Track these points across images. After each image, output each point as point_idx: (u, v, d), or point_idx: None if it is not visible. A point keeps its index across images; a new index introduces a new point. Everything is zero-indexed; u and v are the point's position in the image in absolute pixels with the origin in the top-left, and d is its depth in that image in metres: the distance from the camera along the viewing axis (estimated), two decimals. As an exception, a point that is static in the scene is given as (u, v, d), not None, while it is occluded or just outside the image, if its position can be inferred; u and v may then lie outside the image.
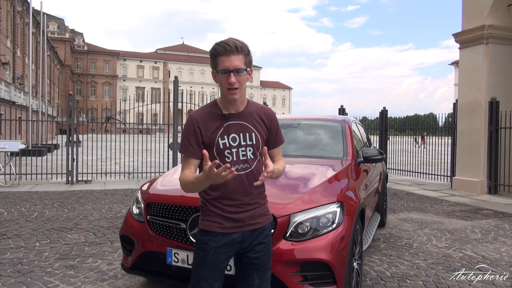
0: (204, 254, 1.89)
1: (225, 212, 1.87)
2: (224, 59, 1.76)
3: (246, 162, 1.88)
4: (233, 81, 1.76)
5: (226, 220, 1.87)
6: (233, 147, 1.86)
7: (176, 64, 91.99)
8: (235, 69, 1.76)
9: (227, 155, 1.85)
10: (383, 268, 4.05)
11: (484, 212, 7.14)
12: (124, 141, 12.28)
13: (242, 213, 1.88)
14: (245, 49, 1.80)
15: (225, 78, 1.78)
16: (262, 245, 1.95)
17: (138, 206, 3.22)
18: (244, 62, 1.80)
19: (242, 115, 1.90)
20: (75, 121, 10.01)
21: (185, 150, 1.87)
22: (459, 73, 10.20)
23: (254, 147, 1.89)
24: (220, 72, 1.78)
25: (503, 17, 9.39)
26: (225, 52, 1.76)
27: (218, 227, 1.87)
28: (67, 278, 3.64)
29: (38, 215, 6.23)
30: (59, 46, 65.55)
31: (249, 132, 1.89)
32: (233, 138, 1.87)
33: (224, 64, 1.76)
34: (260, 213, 1.94)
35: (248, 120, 1.90)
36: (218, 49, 1.77)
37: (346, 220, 2.85)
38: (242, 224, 1.88)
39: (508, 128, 9.12)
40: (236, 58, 1.77)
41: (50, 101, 44.28)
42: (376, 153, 4.07)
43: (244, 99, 1.91)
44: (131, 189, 9.15)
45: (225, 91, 1.81)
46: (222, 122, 1.87)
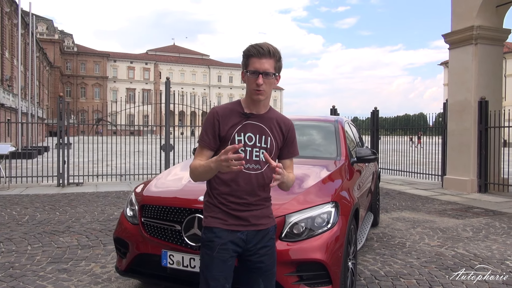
0: (210, 252, 1.89)
1: (230, 209, 1.88)
2: (255, 60, 1.82)
3: (258, 163, 1.90)
4: (260, 83, 1.82)
5: (230, 217, 1.89)
6: (248, 145, 1.89)
7: (167, 65, 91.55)
8: (264, 71, 1.82)
9: (240, 152, 1.83)
10: (377, 267, 4.07)
11: (475, 210, 7.23)
12: (116, 143, 12.21)
13: (247, 212, 1.90)
14: (277, 55, 1.86)
15: (253, 79, 1.83)
16: (266, 248, 1.95)
17: (132, 208, 3.20)
18: (274, 67, 1.85)
19: (262, 117, 1.94)
20: (66, 123, 9.91)
21: (201, 139, 1.92)
22: (449, 73, 10.31)
23: (268, 150, 1.92)
24: (250, 73, 1.83)
25: (491, 18, 9.52)
26: (258, 55, 1.82)
27: (222, 223, 1.89)
28: (60, 282, 3.61)
29: (29, 218, 6.16)
30: (48, 48, 64.87)
31: (265, 135, 1.93)
32: (249, 137, 1.90)
33: (255, 65, 1.82)
34: (264, 214, 1.95)
35: (267, 124, 1.94)
36: (252, 50, 1.84)
37: (341, 220, 2.86)
38: (247, 223, 1.90)
39: (497, 127, 9.25)
40: (267, 61, 1.83)
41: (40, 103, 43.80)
42: (369, 153, 4.10)
43: (267, 104, 1.96)
44: (123, 191, 9.09)
45: (251, 91, 1.86)
46: (242, 120, 1.91)
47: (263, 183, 1.91)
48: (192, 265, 2.62)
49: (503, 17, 9.87)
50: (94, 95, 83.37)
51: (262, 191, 1.93)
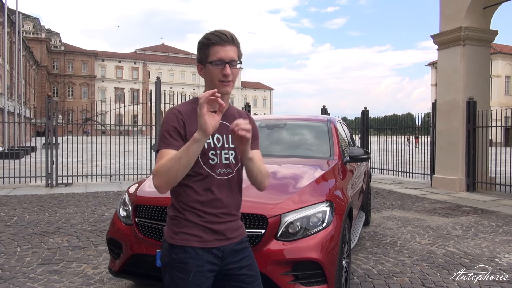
0: (184, 276, 1.62)
1: (206, 222, 1.64)
2: (219, 49, 1.62)
3: (229, 167, 1.70)
4: (228, 73, 1.62)
5: (206, 231, 1.65)
6: (217, 148, 1.69)
7: (156, 64, 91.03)
8: (230, 60, 1.63)
9: (211, 157, 1.66)
10: (369, 266, 4.10)
11: (464, 209, 7.33)
12: (106, 143, 12.09)
13: (223, 224, 1.68)
14: (238, 42, 1.69)
15: (218, 70, 1.62)
16: (246, 260, 1.75)
17: (125, 208, 3.17)
18: (238, 55, 1.68)
19: (225, 115, 1.72)
20: (55, 123, 9.78)
21: (165, 142, 1.61)
22: (438, 73, 10.44)
23: (236, 150, 1.72)
24: (214, 63, 1.62)
25: (479, 19, 9.66)
26: (221, 42, 1.63)
27: (197, 241, 1.63)
28: (51, 283, 3.56)
29: (18, 219, 6.06)
30: (34, 46, 63.99)
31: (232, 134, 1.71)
32: (217, 138, 1.70)
33: (218, 54, 1.62)
34: (238, 226, 1.75)
35: (231, 121, 1.69)
36: (213, 38, 1.63)
37: (335, 219, 2.88)
38: (223, 237, 1.68)
39: (485, 127, 9.39)
40: (231, 49, 1.64)
41: (26, 102, 43.18)
42: (362, 153, 4.13)
43: (228, 98, 1.75)
44: (113, 191, 9.00)
45: (217, 83, 1.64)
46: None
47: (236, 189, 1.73)
48: (187, 265, 2.60)
49: (490, 18, 10.02)
50: (82, 94, 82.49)
51: (236, 198, 1.74)
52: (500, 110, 11.05)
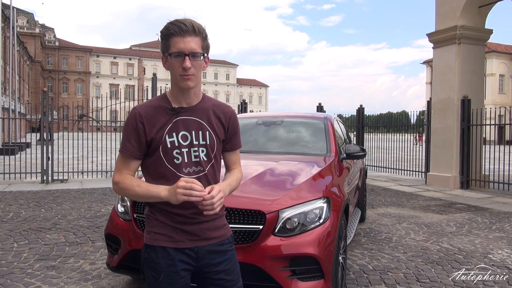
0: (156, 274, 1.61)
1: (175, 222, 1.60)
2: (178, 40, 1.52)
3: (199, 165, 1.63)
4: (188, 66, 1.52)
5: (176, 232, 1.60)
6: (183, 146, 1.60)
7: (151, 61, 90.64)
8: (190, 52, 1.52)
9: (176, 156, 1.59)
10: (365, 261, 4.15)
11: (458, 206, 7.41)
12: (101, 139, 12.05)
13: (195, 225, 1.61)
14: (203, 32, 1.57)
15: (178, 62, 1.53)
16: (224, 264, 1.67)
17: (123, 204, 3.19)
18: (201, 46, 1.56)
19: (195, 110, 1.64)
20: (50, 119, 9.74)
21: (123, 148, 1.61)
22: (433, 72, 10.51)
23: (208, 147, 1.64)
24: (173, 55, 1.53)
25: (474, 18, 9.73)
26: (180, 32, 1.52)
27: (167, 240, 1.60)
28: (48, 279, 3.57)
29: (14, 215, 6.05)
30: (28, 42, 63.47)
31: (203, 130, 1.64)
32: (183, 136, 1.61)
33: (178, 45, 1.52)
34: (216, 226, 1.67)
35: (202, 116, 1.65)
36: (172, 28, 1.52)
37: (332, 216, 2.92)
38: (196, 238, 1.62)
39: (479, 125, 9.48)
40: (192, 40, 1.53)
41: (20, 98, 42.87)
42: (358, 150, 4.17)
43: (198, 92, 1.65)
44: (109, 187, 8.99)
45: (177, 77, 1.56)
46: (171, 117, 1.61)
47: (208, 185, 1.58)
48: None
49: (485, 17, 10.09)
50: (77, 90, 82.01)
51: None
52: (494, 108, 11.15)
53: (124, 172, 1.62)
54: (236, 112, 1.81)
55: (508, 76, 50.85)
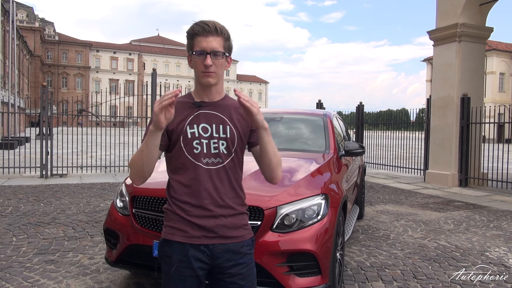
0: (168, 268, 1.64)
1: (191, 216, 1.61)
2: (201, 39, 1.61)
3: (218, 156, 1.66)
4: (208, 63, 1.60)
5: (192, 226, 1.61)
6: (203, 137, 1.65)
7: (151, 56, 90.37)
8: (212, 51, 1.61)
9: (195, 146, 1.64)
10: (362, 258, 4.17)
11: (456, 204, 7.43)
12: (101, 134, 12.05)
13: (211, 219, 1.61)
14: (225, 33, 1.65)
15: (200, 60, 1.62)
16: (240, 267, 1.64)
17: (122, 199, 3.20)
18: (223, 46, 1.64)
19: (216, 105, 1.70)
20: (50, 113, 9.73)
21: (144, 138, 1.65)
22: (433, 69, 10.50)
23: (228, 141, 1.67)
24: (196, 54, 1.62)
25: (474, 16, 9.71)
26: (203, 32, 1.61)
27: (181, 235, 1.61)
28: (47, 273, 3.59)
29: (13, 209, 6.06)
30: (28, 36, 63.20)
31: (223, 124, 1.69)
32: (203, 128, 1.66)
33: (201, 44, 1.61)
34: (235, 225, 1.66)
35: (224, 111, 1.71)
36: (196, 28, 1.62)
37: (330, 212, 2.93)
38: (212, 234, 1.61)
39: (479, 123, 9.48)
40: (214, 39, 1.62)
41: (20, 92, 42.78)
42: (357, 147, 4.17)
43: (220, 90, 1.73)
44: (108, 182, 9.01)
45: (199, 74, 1.64)
46: (193, 110, 1.68)
47: (228, 180, 1.65)
48: (184, 256, 2.64)
49: (486, 15, 10.08)
50: (76, 85, 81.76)
51: (229, 191, 1.66)
52: (493, 106, 11.15)
53: None
54: None
55: (508, 75, 50.81)
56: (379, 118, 14.23)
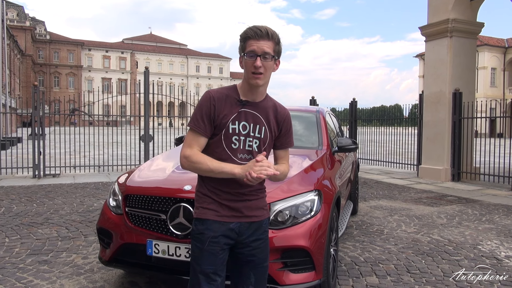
0: (200, 244, 1.83)
1: (222, 199, 1.83)
2: (253, 42, 1.76)
3: (251, 153, 1.85)
4: (258, 65, 1.75)
5: (222, 207, 1.83)
6: (241, 134, 1.84)
7: (144, 54, 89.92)
8: (262, 53, 1.75)
9: (234, 141, 1.82)
10: (356, 253, 4.19)
11: (449, 198, 7.49)
12: (94, 133, 11.99)
13: (240, 202, 1.84)
14: (276, 37, 1.80)
15: (251, 61, 1.76)
16: (259, 241, 1.90)
17: (115, 198, 3.18)
18: (273, 49, 1.79)
19: (258, 105, 1.88)
20: (41, 113, 9.65)
21: (196, 125, 1.82)
22: (425, 65, 10.56)
23: (261, 141, 1.87)
24: (248, 55, 1.76)
25: (465, 11, 9.77)
26: (256, 36, 1.76)
27: (214, 214, 1.83)
28: (41, 273, 3.56)
29: (6, 210, 6.01)
30: (19, 35, 62.54)
31: (260, 125, 1.87)
32: (243, 125, 1.84)
33: (252, 47, 1.76)
34: (258, 206, 1.90)
35: (262, 112, 1.88)
36: (249, 32, 1.77)
37: (323, 208, 2.94)
38: (240, 214, 1.84)
39: (470, 118, 9.55)
40: (265, 43, 1.76)
41: (11, 92, 42.39)
42: (350, 143, 4.19)
43: (264, 91, 1.90)
44: (102, 182, 8.96)
45: (249, 75, 1.79)
46: (237, 107, 1.84)
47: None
48: (177, 254, 2.64)
49: (476, 10, 10.13)
50: (68, 84, 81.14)
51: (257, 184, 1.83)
52: (485, 101, 11.25)
53: (194, 147, 1.82)
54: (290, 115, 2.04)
55: (499, 70, 51.23)
56: (373, 114, 14.30)
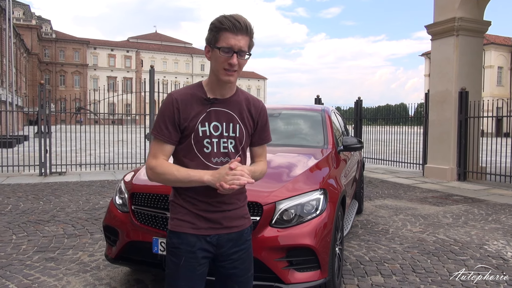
0: (176, 260, 1.65)
1: (199, 209, 1.64)
2: (230, 36, 1.56)
3: (227, 156, 1.66)
4: (235, 62, 1.57)
5: (199, 219, 1.64)
6: (214, 136, 1.64)
7: (149, 53, 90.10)
8: (239, 50, 1.57)
9: (206, 145, 1.64)
10: (361, 252, 4.19)
11: (455, 198, 7.45)
12: (99, 132, 12.04)
13: (218, 213, 1.66)
14: (252, 32, 1.62)
15: (225, 58, 1.57)
16: (240, 253, 1.72)
17: (121, 196, 3.20)
18: (248, 45, 1.62)
19: (228, 102, 1.68)
20: (48, 111, 9.72)
21: (160, 133, 1.62)
22: (431, 64, 10.50)
23: (237, 140, 1.68)
24: (223, 50, 1.56)
25: (472, 10, 9.70)
26: (234, 29, 1.56)
27: (190, 227, 1.64)
28: (47, 270, 3.59)
29: (13, 207, 6.06)
30: (25, 34, 62.88)
31: (233, 123, 1.68)
32: (214, 126, 1.65)
33: (229, 41, 1.55)
34: (238, 215, 1.72)
35: (235, 109, 1.69)
36: (226, 23, 1.55)
37: (329, 207, 2.94)
38: (218, 226, 1.66)
39: (477, 117, 9.49)
40: (243, 38, 1.58)
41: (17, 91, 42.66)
42: (356, 142, 4.18)
43: (234, 85, 1.71)
44: (108, 180, 9.01)
45: (220, 71, 1.60)
46: (205, 107, 1.65)
47: None
48: (183, 252, 2.65)
49: (483, 9, 10.06)
50: (74, 83, 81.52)
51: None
52: (492, 100, 11.17)
53: (160, 157, 1.64)
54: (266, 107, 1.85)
55: (506, 68, 50.83)
56: (378, 113, 14.26)
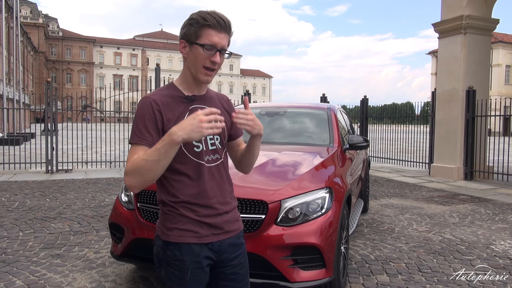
0: (179, 273, 1.54)
1: (200, 215, 1.55)
2: (213, 33, 1.49)
3: (217, 152, 1.61)
4: (218, 61, 1.52)
5: (202, 226, 1.55)
6: None
7: (154, 51, 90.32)
8: (222, 48, 1.52)
9: (195, 144, 1.55)
10: (367, 252, 4.17)
11: (461, 197, 7.40)
12: (105, 129, 12.10)
13: (219, 217, 1.59)
14: (232, 31, 1.58)
15: (207, 55, 1.50)
16: (239, 257, 1.67)
17: (127, 194, 3.21)
18: (228, 43, 1.57)
19: (205, 98, 1.64)
20: (54, 109, 9.77)
21: (141, 138, 1.47)
22: (438, 62, 10.42)
23: (221, 135, 1.64)
24: (206, 48, 1.49)
25: (480, 8, 9.61)
26: (218, 27, 1.50)
27: (194, 236, 1.54)
28: (54, 267, 3.62)
29: (19, 204, 6.11)
30: (32, 32, 63.28)
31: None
32: None
33: (212, 39, 1.49)
34: (234, 218, 1.67)
35: (213, 104, 1.65)
36: (211, 20, 1.49)
37: (334, 206, 2.92)
38: (220, 231, 1.59)
39: (484, 116, 9.42)
40: (225, 37, 1.53)
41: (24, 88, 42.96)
42: (361, 140, 4.16)
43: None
44: (114, 177, 9.05)
45: (200, 69, 1.53)
46: (187, 106, 1.57)
47: (226, 175, 1.64)
48: (188, 250, 2.65)
49: (491, 7, 9.97)
50: (80, 81, 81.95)
51: (228, 186, 1.64)
52: (499, 99, 11.07)
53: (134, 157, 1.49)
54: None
55: (514, 67, 50.33)
56: (384, 112, 14.18)
